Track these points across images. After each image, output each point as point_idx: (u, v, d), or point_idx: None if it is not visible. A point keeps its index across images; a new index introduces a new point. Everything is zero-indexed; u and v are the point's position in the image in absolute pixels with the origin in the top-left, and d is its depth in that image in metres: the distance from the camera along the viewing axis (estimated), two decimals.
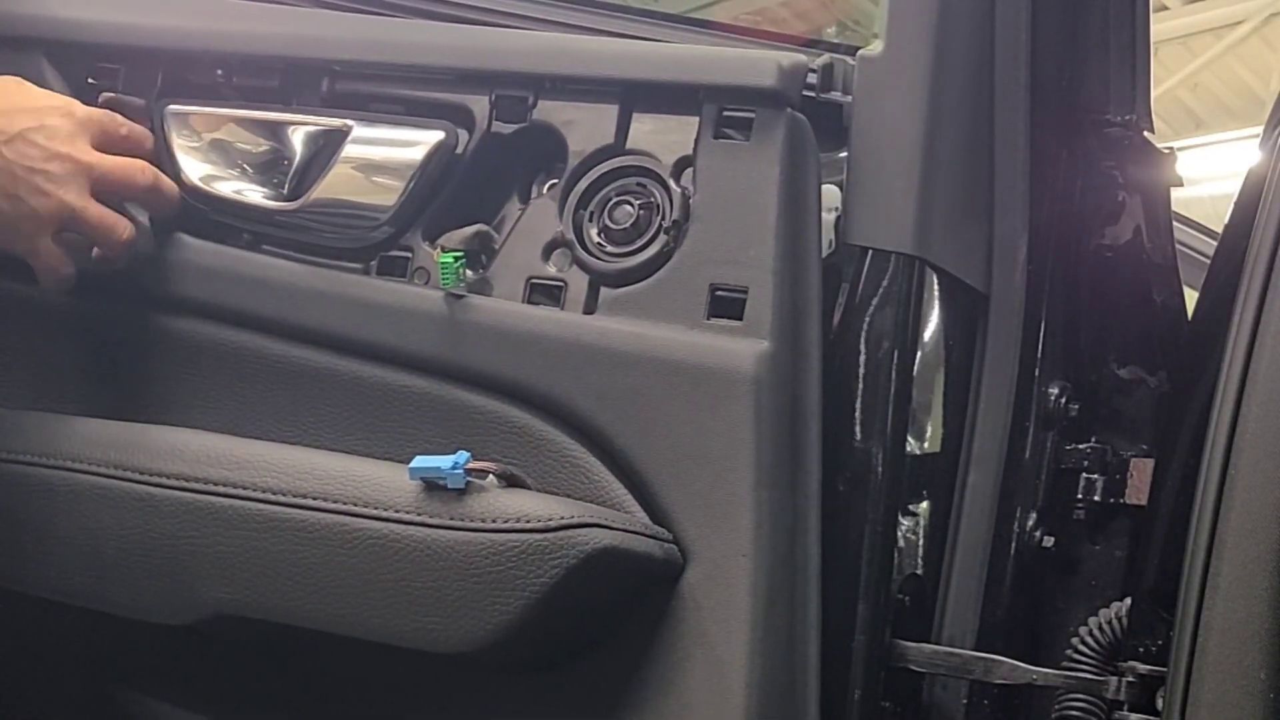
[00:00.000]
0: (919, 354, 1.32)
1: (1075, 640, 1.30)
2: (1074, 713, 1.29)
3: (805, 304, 1.24)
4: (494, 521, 1.15)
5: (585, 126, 1.30)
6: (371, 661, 1.29)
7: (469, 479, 1.17)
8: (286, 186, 1.36)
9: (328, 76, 1.38)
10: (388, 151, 1.34)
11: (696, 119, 1.26)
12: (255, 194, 1.37)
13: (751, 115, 1.25)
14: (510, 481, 1.21)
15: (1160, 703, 1.16)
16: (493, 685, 1.29)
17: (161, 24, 1.43)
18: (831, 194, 1.35)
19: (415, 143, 1.33)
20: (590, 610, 1.22)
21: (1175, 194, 1.45)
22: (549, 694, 1.27)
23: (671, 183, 1.26)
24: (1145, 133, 1.43)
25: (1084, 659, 1.29)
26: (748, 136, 1.25)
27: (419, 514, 1.17)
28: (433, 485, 1.17)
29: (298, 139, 1.36)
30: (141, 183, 1.32)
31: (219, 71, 1.41)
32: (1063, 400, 1.36)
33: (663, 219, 1.26)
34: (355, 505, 1.19)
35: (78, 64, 1.43)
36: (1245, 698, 1.04)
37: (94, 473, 1.27)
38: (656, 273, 1.25)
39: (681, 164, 1.27)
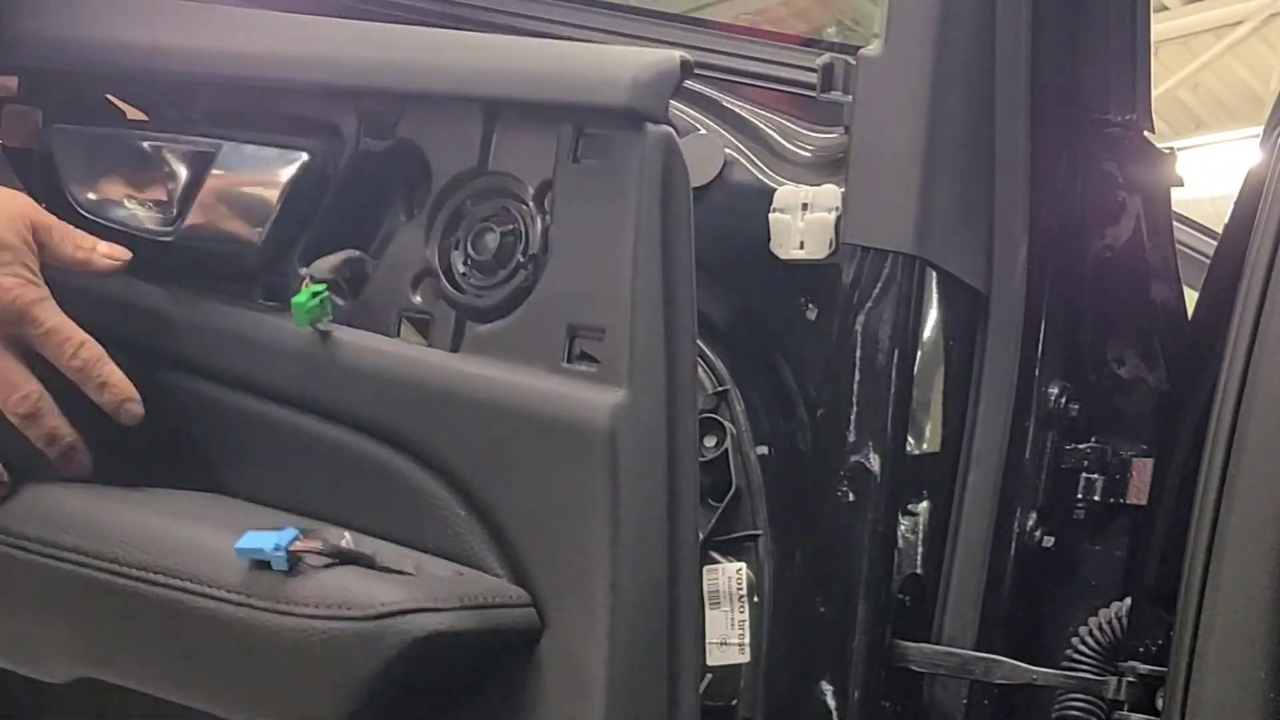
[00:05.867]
0: (919, 354, 1.32)
1: (1075, 640, 1.30)
2: (1074, 713, 1.29)
3: (675, 345, 1.13)
4: (316, 607, 1.09)
5: (449, 146, 1.21)
6: None
7: (297, 559, 1.11)
8: (172, 210, 1.28)
9: (202, 93, 1.31)
10: (255, 173, 1.26)
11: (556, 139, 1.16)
12: (142, 218, 1.28)
13: (609, 135, 1.14)
14: (343, 559, 1.13)
15: (1160, 703, 1.16)
16: None
17: (58, 34, 1.32)
18: (831, 194, 1.35)
19: (283, 163, 1.25)
20: (434, 687, 1.15)
21: (1175, 194, 1.45)
22: None
23: (534, 208, 1.17)
24: (1145, 133, 1.43)
25: (1084, 659, 1.29)
26: (606, 159, 1.13)
27: (245, 594, 1.11)
28: (260, 564, 1.11)
29: (174, 162, 1.28)
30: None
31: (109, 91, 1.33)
32: (1063, 400, 1.36)
33: (525, 248, 1.16)
34: (187, 581, 1.13)
35: None
36: (1245, 698, 1.04)
37: None
38: (517, 309, 1.16)
39: (544, 188, 1.17)
